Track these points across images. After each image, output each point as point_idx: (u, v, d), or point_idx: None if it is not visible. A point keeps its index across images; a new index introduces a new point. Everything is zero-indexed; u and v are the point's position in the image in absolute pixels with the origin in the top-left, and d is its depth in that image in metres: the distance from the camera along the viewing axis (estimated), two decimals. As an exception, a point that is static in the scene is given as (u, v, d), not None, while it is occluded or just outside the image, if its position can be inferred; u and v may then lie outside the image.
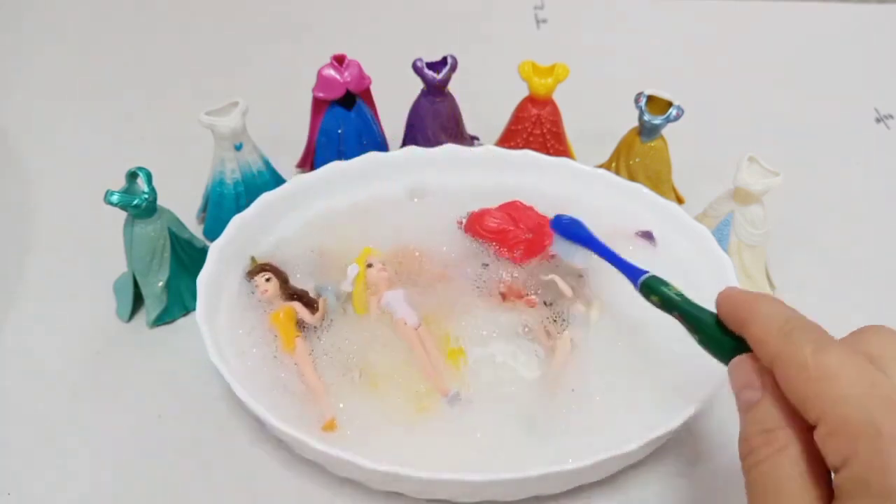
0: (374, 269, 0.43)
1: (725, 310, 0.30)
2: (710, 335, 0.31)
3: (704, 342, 0.32)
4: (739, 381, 0.28)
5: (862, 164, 0.61)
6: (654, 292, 0.35)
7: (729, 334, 0.30)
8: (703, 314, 0.32)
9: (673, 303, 0.34)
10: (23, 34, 0.74)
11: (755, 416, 0.27)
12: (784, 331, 0.27)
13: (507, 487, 0.35)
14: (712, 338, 0.31)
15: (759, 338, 0.28)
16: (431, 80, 0.51)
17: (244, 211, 0.45)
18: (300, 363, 0.40)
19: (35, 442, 0.40)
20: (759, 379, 0.27)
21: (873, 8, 0.80)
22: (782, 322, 0.27)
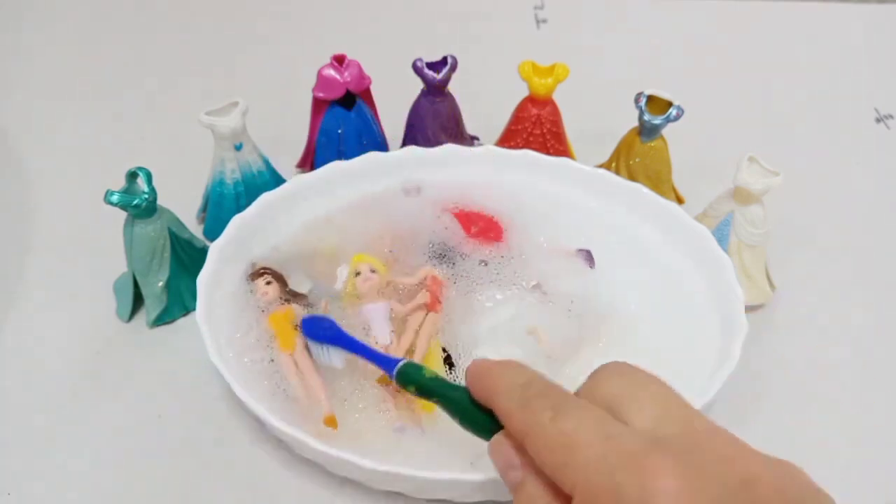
0: (360, 277, 0.43)
1: (473, 384, 0.29)
2: (468, 415, 0.30)
3: (465, 423, 0.30)
4: (500, 462, 0.28)
5: (862, 164, 0.61)
6: (411, 380, 0.33)
7: (486, 412, 0.29)
8: (457, 393, 0.31)
9: (429, 388, 0.32)
10: (23, 34, 0.74)
11: (523, 496, 0.26)
12: (523, 400, 0.27)
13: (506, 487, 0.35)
14: (470, 417, 0.30)
15: (504, 411, 0.27)
16: (431, 80, 0.51)
17: (244, 211, 0.45)
18: (300, 361, 0.40)
19: (35, 442, 0.40)
20: (519, 457, 0.27)
21: (873, 8, 0.80)
22: (522, 390, 0.27)
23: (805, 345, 0.46)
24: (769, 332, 0.46)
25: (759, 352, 0.44)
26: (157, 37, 0.74)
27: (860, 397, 0.44)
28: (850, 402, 0.43)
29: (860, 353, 0.46)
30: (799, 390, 0.43)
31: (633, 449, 0.24)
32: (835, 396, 0.43)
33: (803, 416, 0.42)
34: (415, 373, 0.33)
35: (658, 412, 0.25)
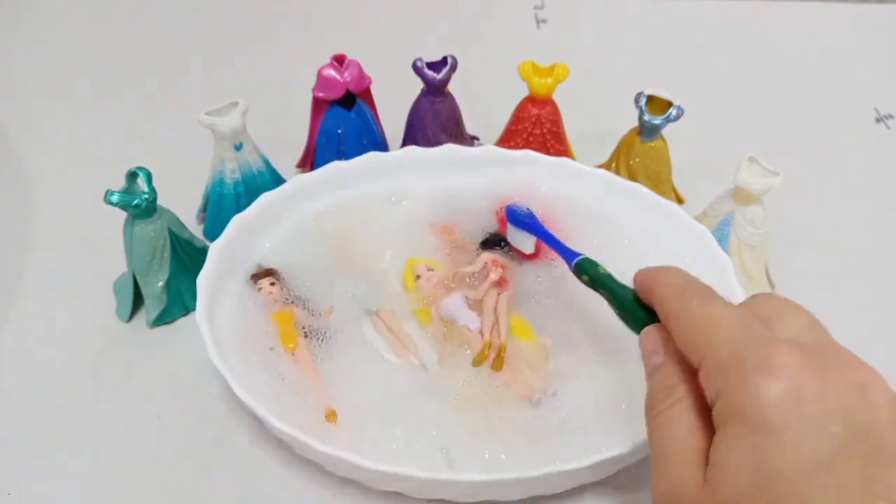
0: (421, 279, 0.44)
1: (640, 279, 0.32)
2: (628, 308, 0.33)
3: (623, 315, 0.34)
4: (647, 347, 0.30)
5: (862, 164, 0.61)
6: (586, 272, 0.37)
7: (644, 308, 0.32)
8: (624, 290, 0.34)
9: (601, 281, 0.36)
10: (23, 34, 0.74)
11: (659, 377, 0.29)
12: (679, 290, 0.29)
13: (507, 487, 0.35)
14: (629, 310, 0.33)
15: (660, 298, 0.30)
16: (431, 80, 0.51)
17: (244, 211, 0.45)
18: (301, 359, 0.40)
19: (35, 442, 0.40)
20: (664, 345, 0.29)
21: (873, 8, 0.80)
22: (681, 284, 0.30)
23: (805, 345, 0.46)
24: (769, 332, 0.46)
25: (759, 352, 0.44)
26: (157, 37, 0.74)
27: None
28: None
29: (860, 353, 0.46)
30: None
31: (764, 334, 0.26)
32: (835, 396, 0.43)
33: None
34: (591, 266, 0.37)
35: (799, 326, 0.27)
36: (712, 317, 0.27)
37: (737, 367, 0.25)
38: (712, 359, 0.26)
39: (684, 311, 0.28)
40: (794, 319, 0.27)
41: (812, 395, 0.23)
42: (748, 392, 0.24)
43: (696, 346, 0.27)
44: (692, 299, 0.28)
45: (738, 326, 0.26)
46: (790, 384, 0.23)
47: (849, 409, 0.23)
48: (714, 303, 0.28)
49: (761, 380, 0.24)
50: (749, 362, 0.24)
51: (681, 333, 0.28)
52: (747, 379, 0.24)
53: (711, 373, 0.26)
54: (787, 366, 0.24)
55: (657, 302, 0.30)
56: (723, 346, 0.26)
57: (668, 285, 0.30)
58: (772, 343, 0.25)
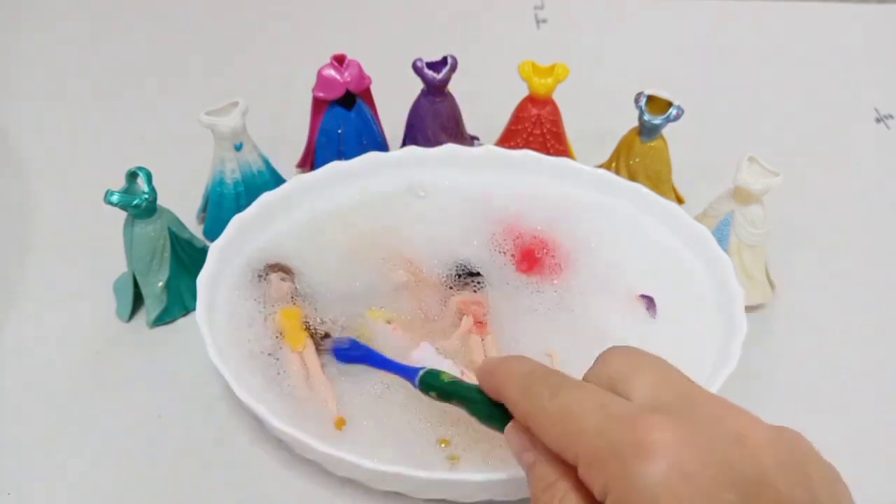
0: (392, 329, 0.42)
1: (483, 382, 0.31)
2: (485, 411, 0.31)
3: (483, 419, 0.32)
4: (515, 446, 0.29)
5: (862, 164, 0.61)
6: (431, 387, 0.34)
7: (501, 408, 0.30)
8: (473, 393, 0.32)
9: (449, 391, 0.34)
10: (22, 34, 0.74)
11: (536, 476, 0.28)
12: (524, 387, 0.28)
13: (507, 487, 0.35)
14: (486, 413, 0.31)
15: (510, 400, 0.29)
16: (431, 80, 0.51)
17: (244, 211, 0.45)
18: (308, 361, 0.40)
19: (35, 442, 0.40)
20: (531, 442, 0.28)
21: (873, 8, 0.80)
22: (522, 379, 0.28)
23: (805, 345, 0.46)
24: (769, 332, 0.46)
25: (759, 352, 0.44)
26: (157, 37, 0.74)
27: (860, 397, 0.44)
28: (850, 402, 0.43)
29: (860, 352, 0.46)
30: (799, 390, 0.44)
31: (628, 412, 0.25)
32: (835, 396, 0.43)
33: (803, 416, 0.42)
34: (434, 379, 0.34)
35: (656, 384, 0.26)
36: (568, 410, 0.26)
37: (612, 457, 0.24)
38: (585, 455, 0.25)
39: (538, 411, 0.27)
40: (646, 375, 0.27)
41: (695, 467, 0.22)
42: (633, 483, 0.23)
43: (564, 444, 0.26)
44: (541, 394, 0.27)
45: (597, 411, 0.25)
46: (670, 461, 0.23)
47: (735, 468, 0.23)
48: (563, 392, 0.27)
49: (641, 466, 0.23)
50: (623, 449, 0.23)
51: (543, 434, 0.27)
52: (626, 469, 0.23)
53: (591, 469, 0.25)
54: (658, 442, 0.23)
55: (509, 404, 0.29)
56: (590, 438, 0.25)
57: (512, 383, 0.29)
58: (636, 420, 0.24)
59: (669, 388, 0.26)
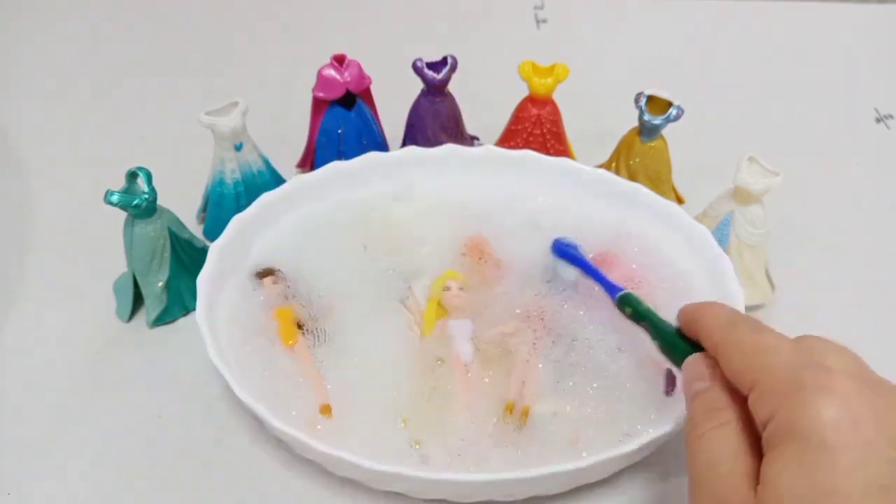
0: (450, 292, 0.43)
1: (683, 317, 0.34)
2: (670, 340, 0.35)
3: (665, 347, 0.35)
4: (691, 374, 0.31)
5: (862, 164, 0.61)
6: (629, 305, 0.38)
7: (687, 341, 0.33)
8: (665, 324, 0.36)
9: (643, 314, 0.37)
10: (23, 34, 0.74)
11: (703, 400, 0.29)
12: (729, 321, 0.30)
13: (506, 487, 0.35)
14: (671, 342, 0.34)
15: (708, 329, 0.31)
16: (431, 80, 0.51)
17: (244, 211, 0.45)
18: (299, 355, 0.40)
19: (35, 442, 0.40)
20: (710, 372, 0.30)
21: (873, 8, 0.80)
22: (728, 316, 0.31)
23: (805, 345, 0.46)
24: (769, 332, 0.46)
25: (759, 352, 0.44)
26: (157, 37, 0.74)
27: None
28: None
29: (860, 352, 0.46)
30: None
31: (822, 363, 0.26)
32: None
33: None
34: (633, 301, 0.38)
35: (845, 362, 0.27)
36: (767, 344, 0.28)
37: (794, 388, 0.25)
38: (768, 382, 0.26)
39: (736, 340, 0.29)
40: (841, 355, 0.28)
41: (869, 421, 0.24)
42: (806, 411, 0.24)
43: (749, 372, 0.27)
44: (743, 328, 0.29)
45: (794, 353, 0.27)
46: (848, 408, 0.24)
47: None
48: (766, 332, 0.29)
49: (820, 400, 0.24)
50: (807, 384, 0.25)
51: (732, 361, 0.28)
52: (805, 399, 0.24)
53: (766, 395, 0.26)
54: (844, 390, 0.25)
55: (705, 332, 0.31)
56: (779, 370, 0.26)
57: (717, 316, 0.31)
58: (828, 370, 0.26)
59: (858, 366, 0.28)
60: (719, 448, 0.27)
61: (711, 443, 0.27)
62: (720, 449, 0.27)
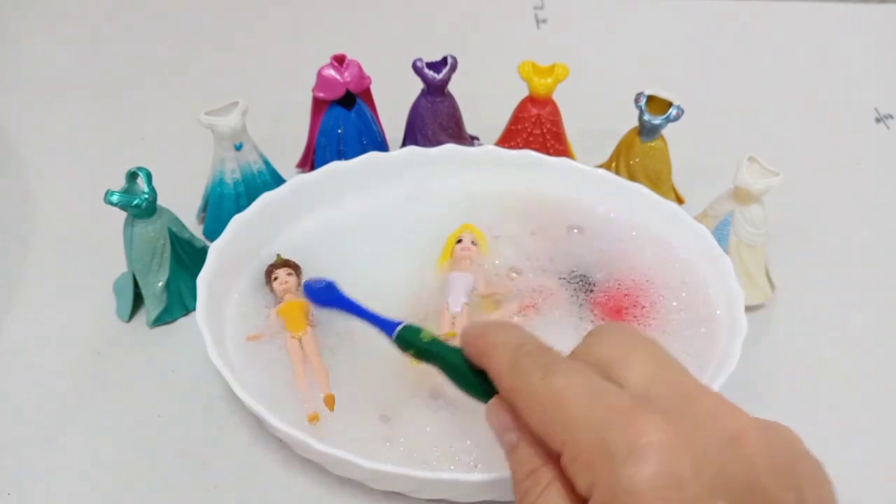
0: (460, 245, 0.45)
1: (468, 347, 0.29)
2: (465, 378, 0.30)
3: (462, 386, 0.30)
4: (496, 425, 0.28)
5: (862, 164, 0.61)
6: (409, 344, 0.33)
7: (482, 374, 0.29)
8: (455, 356, 0.30)
9: (428, 351, 0.32)
10: (23, 34, 0.74)
11: (518, 459, 0.26)
12: (514, 360, 0.27)
13: (506, 487, 0.35)
14: (467, 380, 0.30)
15: (496, 372, 0.27)
16: (431, 80, 0.51)
17: (244, 211, 0.45)
18: (306, 346, 0.41)
19: (35, 442, 0.40)
20: (514, 421, 0.27)
21: (873, 8, 0.80)
22: (513, 351, 0.27)
23: (805, 345, 0.46)
24: (769, 332, 0.46)
25: (759, 352, 0.44)
26: (157, 37, 0.74)
27: (860, 397, 0.44)
28: (850, 402, 0.43)
29: (860, 353, 0.46)
30: (799, 390, 0.43)
31: (620, 406, 0.24)
32: (835, 396, 0.43)
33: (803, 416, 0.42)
34: (412, 336, 0.33)
35: (650, 372, 0.25)
36: (559, 395, 0.24)
37: (601, 455, 0.23)
38: (572, 447, 0.24)
39: (527, 389, 0.25)
40: (641, 362, 0.26)
41: (687, 472, 0.22)
42: (621, 485, 0.22)
43: (551, 431, 0.24)
44: (532, 373, 0.26)
45: (589, 401, 0.24)
46: (663, 466, 0.22)
47: (727, 471, 0.22)
48: (556, 374, 0.25)
49: (632, 469, 0.22)
50: (613, 448, 0.22)
51: (529, 413, 0.25)
52: (616, 470, 0.22)
53: (576, 462, 0.24)
54: (651, 444, 0.22)
55: (493, 375, 0.28)
56: (579, 430, 0.23)
57: (500, 354, 0.27)
58: (631, 418, 0.23)
59: (664, 380, 0.25)
60: None
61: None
62: None
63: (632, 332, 0.28)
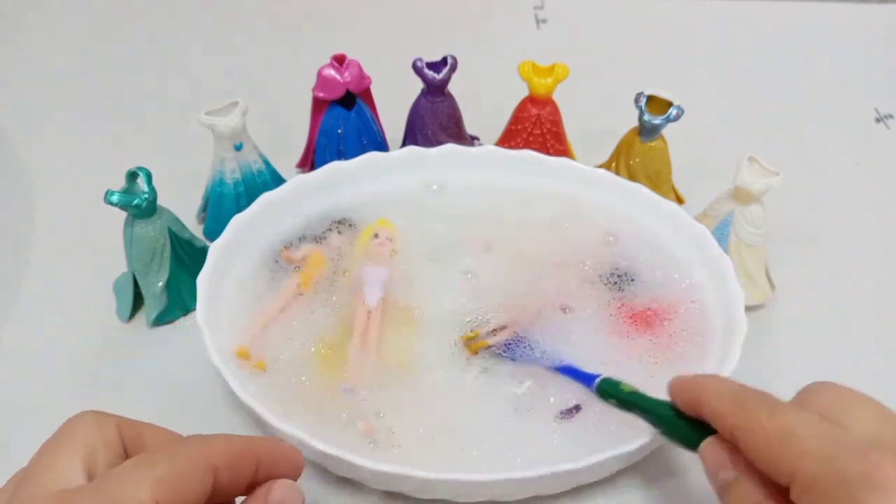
0: (376, 240, 0.45)
1: (678, 396, 0.31)
2: (672, 425, 0.32)
3: (669, 433, 0.32)
4: (712, 463, 0.29)
5: (862, 164, 0.61)
6: (610, 395, 0.35)
7: (689, 420, 0.31)
8: (659, 408, 0.32)
9: (629, 402, 0.34)
10: (22, 34, 0.74)
11: (737, 495, 0.28)
12: (738, 401, 0.28)
13: (507, 487, 0.35)
14: (675, 427, 0.32)
15: (716, 412, 0.29)
16: (431, 80, 0.51)
17: (244, 211, 0.45)
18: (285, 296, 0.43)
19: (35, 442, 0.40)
20: (732, 459, 0.28)
21: (873, 8, 0.80)
22: (734, 394, 0.29)
23: (805, 345, 0.46)
24: (769, 332, 0.46)
25: (759, 352, 0.44)
26: (157, 36, 0.74)
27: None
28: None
29: (860, 353, 0.46)
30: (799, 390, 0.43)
31: (854, 443, 0.25)
32: (835, 396, 0.43)
33: (803, 416, 0.42)
34: (612, 388, 0.35)
35: (876, 419, 0.26)
36: (790, 430, 0.26)
37: (838, 484, 0.24)
38: (805, 477, 0.25)
39: (755, 427, 0.27)
40: (864, 411, 0.27)
41: None
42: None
43: (781, 463, 0.26)
44: (758, 412, 0.27)
45: (820, 436, 0.25)
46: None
47: None
48: (783, 413, 0.27)
49: (870, 498, 0.23)
50: (851, 478, 0.24)
51: (759, 451, 0.27)
52: (854, 498, 0.23)
53: (809, 493, 0.25)
54: (891, 478, 0.23)
55: (713, 417, 0.29)
56: (813, 462, 0.25)
57: (721, 397, 0.29)
58: (866, 453, 0.24)
59: (885, 422, 0.26)
60: None
61: None
62: None
63: (848, 388, 0.28)
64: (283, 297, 0.43)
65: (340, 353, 0.40)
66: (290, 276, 0.44)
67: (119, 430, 0.28)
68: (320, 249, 0.46)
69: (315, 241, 0.46)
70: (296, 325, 0.42)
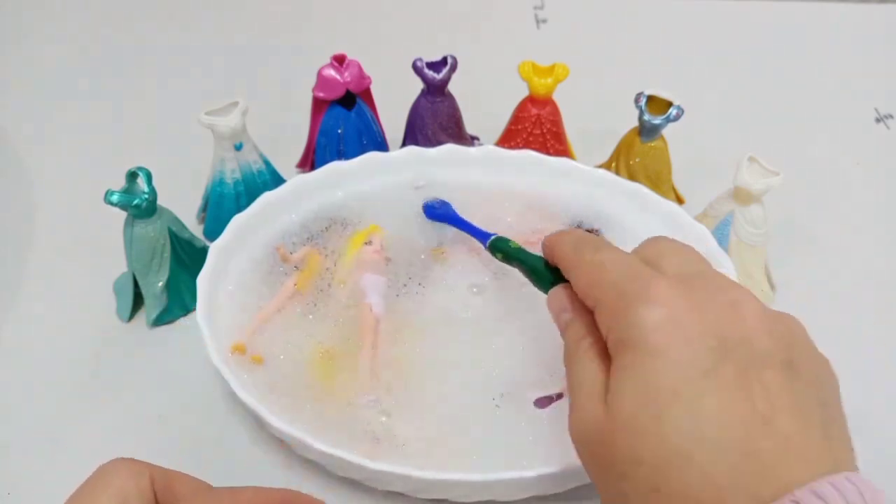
0: (369, 247, 0.45)
1: (545, 249, 0.35)
2: (538, 273, 0.36)
3: (535, 281, 0.36)
4: (555, 306, 0.32)
5: (862, 164, 0.61)
6: (499, 250, 0.40)
7: (553, 272, 0.34)
8: (534, 259, 0.37)
9: (513, 255, 0.39)
10: (23, 34, 0.74)
11: (571, 332, 0.31)
12: (575, 245, 0.32)
13: (507, 487, 0.35)
14: (539, 274, 0.36)
15: (559, 256, 0.33)
16: (431, 80, 0.51)
17: (244, 211, 0.45)
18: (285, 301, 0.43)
19: (35, 442, 0.40)
20: (571, 303, 0.32)
21: (873, 8, 0.80)
22: (576, 240, 0.32)
23: (805, 345, 0.46)
24: (769, 332, 0.46)
25: (759, 352, 0.44)
26: (157, 36, 0.74)
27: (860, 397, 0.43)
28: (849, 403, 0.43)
29: (860, 353, 0.46)
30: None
31: (648, 273, 0.28)
32: (835, 396, 0.43)
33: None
34: (503, 244, 0.40)
35: (679, 262, 0.29)
36: (602, 263, 0.29)
37: (621, 303, 0.27)
38: (603, 300, 0.28)
39: (579, 261, 0.31)
40: (676, 256, 0.30)
41: (689, 318, 0.26)
42: (631, 322, 0.26)
43: (590, 291, 0.29)
44: (584, 249, 0.31)
45: (624, 268, 0.29)
46: (668, 311, 0.26)
47: (723, 325, 0.26)
48: (604, 250, 0.30)
49: (642, 309, 0.26)
50: (630, 296, 0.27)
51: (578, 283, 0.30)
52: (629, 310, 0.26)
53: (603, 312, 0.28)
54: (664, 294, 0.26)
55: (558, 259, 0.33)
56: (609, 287, 0.28)
57: (564, 244, 0.33)
58: (651, 278, 0.27)
59: (692, 265, 0.29)
60: (582, 369, 0.29)
61: (577, 367, 0.29)
62: (583, 370, 0.29)
63: (674, 240, 0.31)
64: (281, 296, 0.43)
65: (341, 354, 0.40)
66: (289, 276, 0.44)
67: (152, 481, 0.28)
68: (319, 250, 0.45)
69: (314, 241, 0.46)
70: (295, 325, 0.42)
